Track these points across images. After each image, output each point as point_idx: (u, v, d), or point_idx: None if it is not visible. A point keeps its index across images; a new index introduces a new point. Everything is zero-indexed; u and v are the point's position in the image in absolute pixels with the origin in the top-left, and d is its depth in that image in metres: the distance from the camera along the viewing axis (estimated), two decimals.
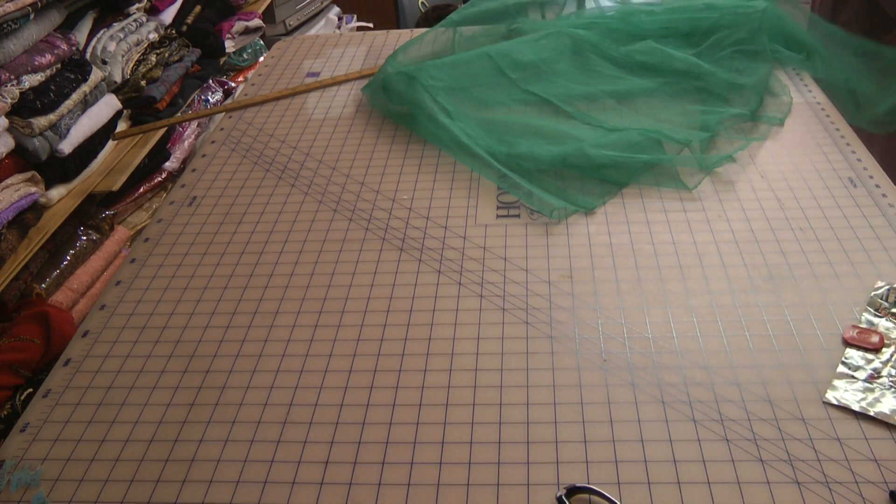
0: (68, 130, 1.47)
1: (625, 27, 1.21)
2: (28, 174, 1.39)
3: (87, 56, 1.65)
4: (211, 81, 2.13)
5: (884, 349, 0.69)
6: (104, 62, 1.67)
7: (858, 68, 1.14)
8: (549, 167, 0.97)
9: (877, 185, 0.92)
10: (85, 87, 1.51)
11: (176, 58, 1.92)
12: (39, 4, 1.38)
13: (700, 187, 0.94)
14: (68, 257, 1.51)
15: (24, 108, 1.35)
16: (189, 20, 2.07)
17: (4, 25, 1.31)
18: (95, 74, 1.55)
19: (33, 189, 1.39)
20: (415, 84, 1.09)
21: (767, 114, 1.07)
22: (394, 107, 1.15)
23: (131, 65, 1.74)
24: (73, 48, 1.51)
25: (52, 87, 1.43)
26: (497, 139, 1.01)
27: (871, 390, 0.65)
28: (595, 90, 1.11)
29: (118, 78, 1.69)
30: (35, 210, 1.41)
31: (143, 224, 1.78)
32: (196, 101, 2.02)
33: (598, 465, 0.61)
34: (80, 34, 1.64)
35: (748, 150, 1.01)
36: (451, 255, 0.86)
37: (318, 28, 2.80)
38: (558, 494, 0.58)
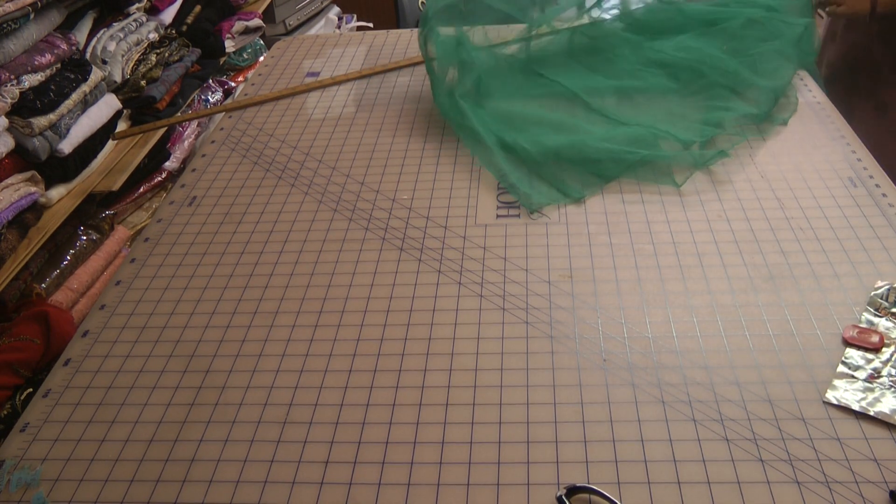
0: (68, 130, 1.47)
1: (670, 13, 1.23)
2: (28, 174, 1.39)
3: (87, 56, 1.65)
4: (211, 81, 2.13)
5: (884, 349, 0.69)
6: (104, 62, 1.67)
7: None
8: (543, 159, 0.98)
9: (877, 185, 0.92)
10: (85, 87, 1.51)
11: (176, 58, 1.91)
12: (39, 4, 1.38)
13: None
14: (68, 257, 1.51)
15: (24, 107, 1.35)
16: (189, 20, 2.07)
17: (4, 25, 1.31)
18: (95, 74, 1.55)
19: (33, 189, 1.39)
20: (460, 49, 1.12)
21: (773, 114, 1.07)
22: (433, 48, 1.14)
23: (131, 65, 1.74)
24: (73, 48, 1.51)
25: (52, 87, 1.43)
26: (509, 125, 1.04)
27: (871, 390, 0.65)
28: (620, 84, 1.14)
29: (118, 78, 1.69)
30: (35, 210, 1.41)
31: (143, 224, 1.78)
32: (196, 101, 2.02)
33: (598, 465, 0.61)
34: (80, 34, 1.64)
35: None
36: (451, 255, 0.86)
37: (318, 28, 2.80)
38: (558, 494, 0.58)
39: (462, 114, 1.06)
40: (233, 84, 2.23)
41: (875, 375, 0.67)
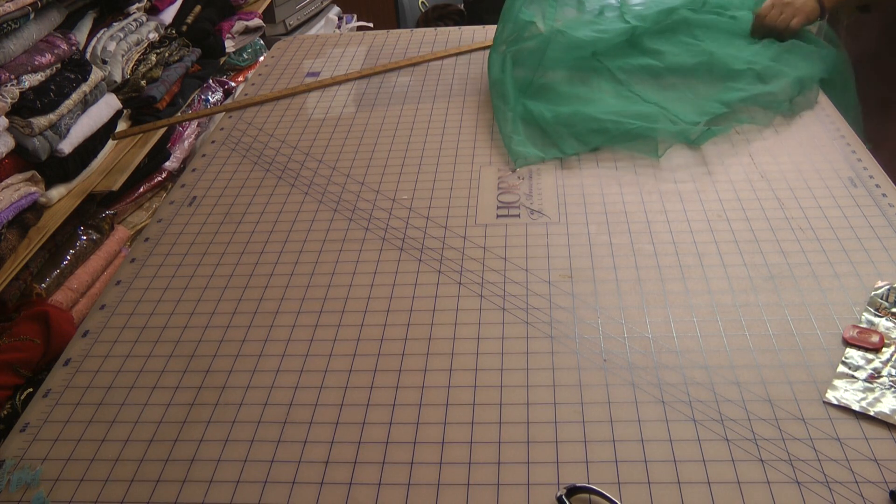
0: (68, 130, 1.47)
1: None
2: (28, 174, 1.39)
3: (87, 56, 1.64)
4: (211, 81, 2.13)
5: (884, 349, 0.69)
6: (104, 62, 1.67)
7: None
8: (554, 122, 1.05)
9: (877, 185, 0.92)
10: (85, 87, 1.51)
11: (176, 58, 1.91)
12: (39, 4, 1.38)
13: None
14: (68, 257, 1.50)
15: (24, 107, 1.35)
16: (189, 20, 2.07)
17: (4, 25, 1.31)
18: (95, 74, 1.55)
19: (33, 189, 1.39)
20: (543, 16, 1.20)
21: (791, 104, 1.09)
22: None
23: (131, 65, 1.74)
24: (73, 48, 1.51)
25: (52, 87, 1.43)
26: (538, 94, 1.13)
27: (871, 390, 0.65)
28: (646, 62, 1.17)
29: (118, 78, 1.69)
30: (35, 210, 1.40)
31: (143, 224, 1.78)
32: (196, 100, 2.02)
33: (598, 465, 0.61)
34: (80, 34, 1.64)
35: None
36: (451, 255, 0.86)
37: (318, 28, 2.80)
38: (558, 494, 0.58)
39: (503, 71, 1.16)
40: (233, 84, 2.23)
41: (875, 375, 0.67)
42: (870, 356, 0.69)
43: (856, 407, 0.64)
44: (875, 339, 0.70)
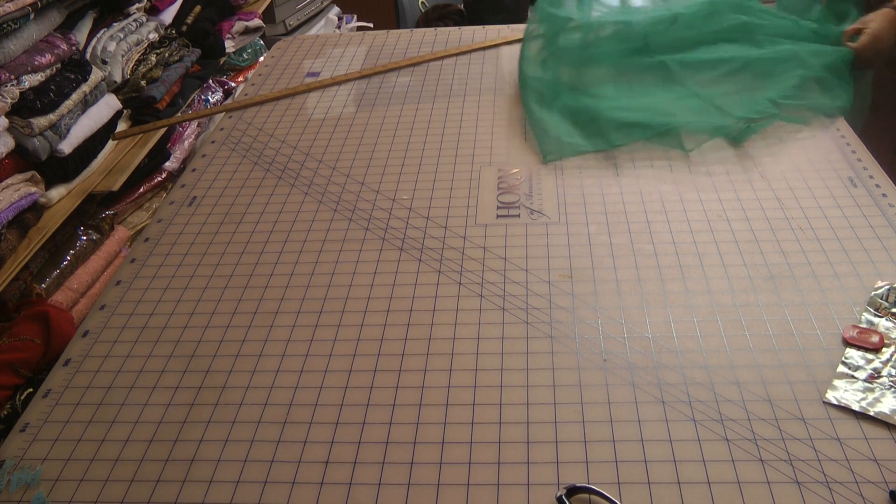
0: (68, 130, 1.47)
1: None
2: (28, 174, 1.39)
3: (87, 56, 1.64)
4: (211, 81, 2.13)
5: (884, 349, 0.69)
6: (104, 62, 1.67)
7: None
8: (596, 116, 1.06)
9: (877, 185, 0.92)
10: (85, 87, 1.51)
11: (176, 58, 1.91)
12: (39, 4, 1.38)
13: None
14: (68, 257, 1.50)
15: (24, 108, 1.35)
16: (189, 20, 2.07)
17: (4, 25, 1.31)
18: (95, 74, 1.55)
19: (33, 189, 1.39)
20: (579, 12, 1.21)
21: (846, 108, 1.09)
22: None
23: (131, 65, 1.74)
24: (73, 48, 1.51)
25: (52, 87, 1.42)
26: (582, 91, 1.13)
27: (871, 390, 0.65)
28: (702, 57, 1.16)
29: (118, 78, 1.69)
30: (35, 210, 1.40)
31: (143, 224, 1.78)
32: (196, 101, 2.02)
33: (598, 465, 0.61)
34: (80, 34, 1.64)
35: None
36: (451, 255, 0.86)
37: (318, 28, 2.80)
38: (558, 494, 0.58)
39: (543, 70, 1.16)
40: (233, 84, 2.23)
41: (875, 375, 0.67)
42: (870, 356, 0.69)
43: (856, 407, 0.64)
44: (875, 339, 0.70)
